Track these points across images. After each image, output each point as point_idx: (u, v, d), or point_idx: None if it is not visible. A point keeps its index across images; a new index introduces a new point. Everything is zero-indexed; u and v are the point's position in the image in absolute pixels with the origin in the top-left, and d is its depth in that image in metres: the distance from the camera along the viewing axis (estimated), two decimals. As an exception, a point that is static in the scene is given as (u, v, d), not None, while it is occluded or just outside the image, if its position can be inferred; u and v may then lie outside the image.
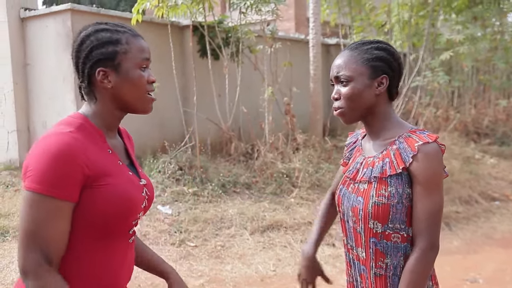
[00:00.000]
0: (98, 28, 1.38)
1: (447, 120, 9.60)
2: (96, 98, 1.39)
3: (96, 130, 1.38)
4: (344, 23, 9.45)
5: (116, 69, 1.36)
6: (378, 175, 1.55)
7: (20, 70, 6.43)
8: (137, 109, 1.43)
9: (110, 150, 1.40)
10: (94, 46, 1.35)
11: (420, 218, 1.50)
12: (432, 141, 1.50)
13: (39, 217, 1.23)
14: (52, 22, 6.15)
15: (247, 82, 7.32)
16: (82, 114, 1.40)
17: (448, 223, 5.92)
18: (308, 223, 5.30)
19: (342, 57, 1.60)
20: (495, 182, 7.62)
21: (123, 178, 1.38)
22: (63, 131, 1.29)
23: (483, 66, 11.19)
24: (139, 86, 1.39)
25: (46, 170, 1.22)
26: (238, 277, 4.19)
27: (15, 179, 5.94)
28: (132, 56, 1.37)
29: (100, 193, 1.30)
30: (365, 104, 1.57)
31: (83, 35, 1.37)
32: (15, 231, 4.71)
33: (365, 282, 1.62)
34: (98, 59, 1.34)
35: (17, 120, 6.41)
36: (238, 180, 6.15)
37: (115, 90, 1.37)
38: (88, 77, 1.37)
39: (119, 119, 1.45)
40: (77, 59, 1.38)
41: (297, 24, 14.12)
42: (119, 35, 1.37)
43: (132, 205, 1.38)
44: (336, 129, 8.98)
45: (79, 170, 1.26)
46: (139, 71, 1.39)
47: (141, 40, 1.42)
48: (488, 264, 4.73)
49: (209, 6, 6.41)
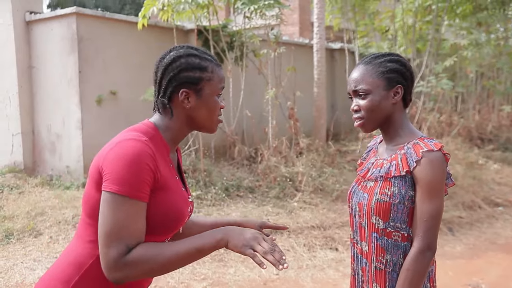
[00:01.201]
0: (189, 52, 1.48)
1: (451, 126, 9.59)
2: (173, 115, 1.49)
3: (163, 143, 1.49)
4: (348, 28, 9.46)
5: (197, 92, 1.48)
6: (384, 175, 1.67)
7: (25, 73, 6.47)
8: (205, 129, 1.56)
9: (171, 164, 1.51)
10: (183, 68, 1.46)
11: (420, 220, 1.60)
12: (437, 149, 1.61)
13: (124, 217, 1.31)
14: (57, 26, 6.18)
15: (251, 86, 7.34)
16: (154, 125, 1.50)
17: (451, 228, 5.91)
18: (311, 227, 5.30)
19: (358, 71, 1.72)
20: (498, 187, 7.60)
21: (179, 194, 1.48)
22: (140, 139, 1.38)
23: (487, 71, 11.17)
24: (213, 111, 1.52)
25: (127, 174, 1.31)
26: (241, 281, 4.19)
27: (20, 182, 5.97)
28: (213, 84, 1.49)
29: (159, 202, 1.39)
30: (383, 114, 1.70)
31: (175, 56, 1.47)
32: (20, 233, 4.72)
33: (366, 275, 1.73)
34: (184, 81, 1.46)
35: (21, 123, 6.44)
36: (242, 184, 6.15)
37: (192, 111, 1.49)
38: (170, 94, 1.47)
39: (184, 135, 1.56)
40: (163, 76, 1.47)
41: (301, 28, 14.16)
42: (206, 63, 1.48)
43: (180, 220, 1.47)
44: (339, 133, 8.99)
45: (151, 174, 1.36)
46: (216, 98, 1.51)
47: (222, 70, 1.54)
48: (491, 270, 4.71)
49: (214, 10, 6.45)
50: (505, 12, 10.05)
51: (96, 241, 1.38)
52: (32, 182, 6.01)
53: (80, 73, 6.00)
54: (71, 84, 6.08)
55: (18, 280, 3.95)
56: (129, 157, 1.32)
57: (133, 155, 1.33)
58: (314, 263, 4.65)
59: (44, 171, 6.46)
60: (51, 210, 5.14)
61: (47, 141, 6.44)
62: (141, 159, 1.33)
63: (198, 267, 4.35)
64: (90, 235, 1.42)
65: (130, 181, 1.31)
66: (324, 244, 5.04)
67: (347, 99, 1.82)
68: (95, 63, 6.15)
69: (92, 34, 6.12)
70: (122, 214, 1.30)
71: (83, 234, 1.45)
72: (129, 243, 1.31)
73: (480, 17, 9.42)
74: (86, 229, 1.44)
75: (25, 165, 6.46)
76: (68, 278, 1.40)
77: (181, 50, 1.49)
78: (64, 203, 5.31)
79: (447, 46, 9.04)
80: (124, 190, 1.30)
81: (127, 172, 1.31)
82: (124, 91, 6.28)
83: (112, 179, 1.31)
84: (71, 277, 1.40)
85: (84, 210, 1.44)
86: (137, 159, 1.32)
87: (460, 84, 9.85)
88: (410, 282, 1.58)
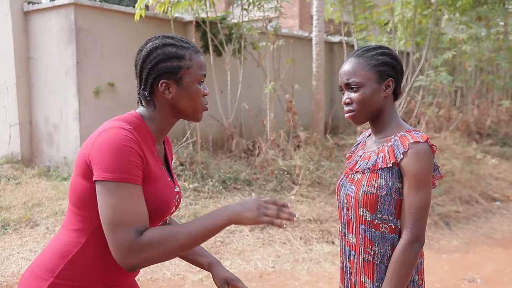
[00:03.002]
0: (165, 42, 1.48)
1: (450, 120, 9.58)
2: (155, 106, 1.49)
3: (149, 133, 1.48)
4: (347, 21, 9.43)
5: (177, 82, 1.46)
6: (371, 167, 1.68)
7: (23, 64, 6.44)
8: (190, 118, 1.56)
9: (156, 154, 1.50)
10: (161, 59, 1.44)
11: (407, 212, 1.61)
12: (423, 141, 1.62)
13: (121, 202, 1.30)
14: (55, 16, 6.15)
15: (249, 79, 7.32)
16: (140, 115, 1.50)
17: (448, 222, 5.92)
18: (307, 220, 5.31)
19: (349, 64, 1.72)
20: (496, 182, 7.61)
21: (164, 183, 1.47)
22: (124, 127, 1.38)
23: (486, 66, 11.15)
24: (196, 99, 1.51)
25: (115, 160, 1.31)
26: (237, 273, 4.20)
27: (17, 172, 5.96)
28: (193, 71, 1.47)
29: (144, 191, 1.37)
30: (374, 107, 1.71)
31: (151, 47, 1.47)
32: (16, 223, 4.73)
33: (354, 267, 1.74)
34: (163, 72, 1.45)
35: (19, 114, 6.43)
36: (239, 177, 6.16)
37: (174, 100, 1.48)
38: (150, 86, 1.47)
39: (171, 125, 1.55)
40: (142, 69, 1.47)
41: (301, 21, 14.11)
42: (183, 51, 1.47)
43: (165, 211, 1.46)
44: (337, 127, 8.98)
45: (140, 159, 1.36)
46: (197, 85, 1.50)
47: (201, 56, 1.52)
48: (487, 264, 4.73)
49: (211, 2, 6.41)
50: (505, 6, 10.01)
51: (81, 230, 1.40)
52: (29, 173, 6.01)
53: (78, 64, 5.98)
54: (69, 75, 6.06)
55: (14, 270, 3.96)
56: (115, 144, 1.32)
57: (119, 141, 1.33)
58: (310, 256, 4.67)
59: (41, 162, 6.45)
60: (48, 201, 5.15)
61: (44, 132, 6.43)
62: (127, 144, 1.33)
63: (194, 259, 4.36)
64: (75, 224, 1.42)
65: (120, 166, 1.31)
66: (320, 238, 5.05)
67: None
68: (93, 54, 6.13)
69: (90, 25, 6.09)
70: (120, 199, 1.30)
71: (68, 223, 1.45)
72: (136, 226, 1.29)
73: (480, 11, 9.38)
74: (71, 217, 1.44)
75: (23, 156, 6.45)
76: (53, 266, 1.40)
77: (156, 41, 1.48)
78: (61, 194, 5.31)
79: (446, 40, 9.01)
80: (116, 176, 1.30)
81: (116, 158, 1.31)
82: (122, 82, 6.26)
83: (102, 167, 1.31)
84: (56, 266, 1.40)
85: (70, 199, 1.44)
86: (123, 144, 1.33)
87: (459, 79, 9.83)
88: (398, 274, 1.59)
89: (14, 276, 3.87)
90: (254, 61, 7.14)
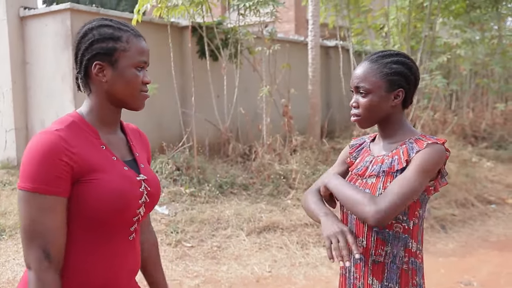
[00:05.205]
0: (102, 23, 1.41)
1: (445, 123, 9.61)
2: (91, 90, 1.43)
3: (88, 126, 1.42)
4: (342, 26, 9.47)
5: (112, 65, 1.39)
6: (387, 169, 1.66)
7: (19, 69, 6.44)
8: (129, 106, 1.46)
9: (103, 146, 1.42)
10: (95, 40, 1.38)
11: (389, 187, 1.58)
12: (441, 143, 1.63)
13: (32, 213, 1.28)
14: (52, 21, 6.16)
15: (245, 84, 7.34)
16: (77, 113, 1.44)
17: (444, 225, 5.94)
18: (304, 225, 5.32)
19: (362, 68, 1.70)
20: (491, 185, 7.64)
21: (115, 173, 1.40)
22: (49, 130, 1.33)
23: (481, 70, 11.20)
24: (132, 85, 1.42)
25: (31, 168, 1.27)
26: (234, 278, 4.20)
27: (12, 178, 5.95)
28: (130, 55, 1.40)
29: (90, 188, 1.33)
30: (380, 114, 1.70)
31: (87, 28, 1.41)
32: (12, 229, 4.71)
33: (361, 270, 1.71)
34: (96, 53, 1.38)
35: (15, 119, 6.42)
36: (235, 181, 6.16)
37: (109, 85, 1.41)
38: (85, 68, 1.41)
39: (114, 114, 1.48)
40: (77, 50, 1.42)
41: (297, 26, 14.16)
42: (120, 33, 1.40)
43: (125, 201, 1.39)
44: (334, 131, 9.00)
45: (64, 165, 1.29)
46: (134, 70, 1.41)
47: (142, 41, 1.45)
48: (483, 267, 4.74)
49: (207, 7, 6.43)
50: (498, 10, 10.07)
51: None
52: (25, 178, 5.99)
53: (74, 69, 5.97)
54: (65, 80, 6.07)
55: (9, 277, 3.95)
56: (34, 151, 1.28)
57: (40, 149, 1.28)
58: (307, 261, 4.67)
59: (37, 168, 6.43)
60: (44, 207, 5.13)
61: (40, 138, 6.41)
62: (47, 152, 1.27)
63: (191, 265, 4.36)
64: None
65: (36, 176, 1.26)
66: (317, 242, 5.05)
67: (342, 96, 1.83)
68: (89, 60, 6.12)
69: (86, 30, 6.10)
70: (31, 209, 1.27)
71: None
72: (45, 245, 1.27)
73: (474, 16, 9.44)
74: None
75: (18, 161, 6.44)
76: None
77: (94, 22, 1.42)
78: (57, 200, 5.29)
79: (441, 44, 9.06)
80: (30, 186, 1.26)
81: (33, 167, 1.27)
82: (118, 87, 6.26)
83: (21, 176, 1.28)
84: None
85: None
86: (42, 152, 1.27)
87: (454, 82, 9.88)
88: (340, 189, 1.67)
89: (10, 283, 3.86)
90: (250, 65, 7.16)
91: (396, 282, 1.65)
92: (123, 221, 1.42)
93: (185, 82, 7.04)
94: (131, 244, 1.48)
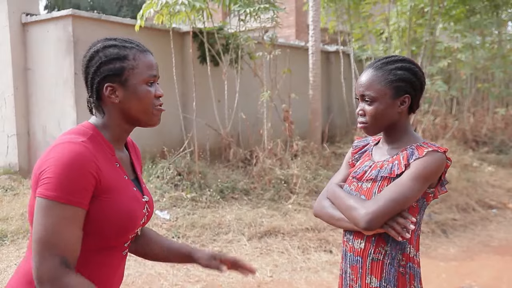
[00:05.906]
0: (106, 44, 1.41)
1: (446, 128, 9.62)
2: (104, 112, 1.43)
3: (105, 142, 1.41)
4: (343, 31, 9.50)
5: (123, 84, 1.39)
6: (386, 175, 1.67)
7: (21, 75, 6.47)
8: (144, 123, 1.46)
9: (117, 164, 1.42)
10: (102, 62, 1.38)
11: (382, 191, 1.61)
12: (442, 151, 1.64)
13: (55, 223, 1.24)
14: (53, 28, 6.19)
15: (246, 89, 7.36)
16: (93, 125, 1.43)
17: (445, 230, 5.94)
18: (305, 230, 5.32)
19: (367, 76, 1.70)
20: (492, 190, 7.64)
21: (128, 194, 1.40)
22: (76, 141, 1.31)
23: (481, 74, 11.22)
24: (145, 101, 1.41)
25: (60, 178, 1.24)
26: (235, 283, 4.21)
27: (14, 183, 5.96)
28: (139, 72, 1.40)
29: (105, 205, 1.33)
30: (387, 121, 1.71)
31: (93, 51, 1.41)
32: (14, 235, 4.72)
33: (358, 272, 1.71)
34: (106, 75, 1.38)
35: (17, 125, 6.44)
36: (236, 186, 6.17)
37: (122, 104, 1.41)
38: (96, 92, 1.41)
39: (127, 132, 1.48)
40: (87, 75, 1.42)
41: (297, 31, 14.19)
42: (126, 51, 1.40)
43: (133, 222, 1.40)
44: (335, 136, 9.01)
45: (91, 178, 1.28)
46: (146, 86, 1.41)
47: (149, 55, 1.44)
48: (484, 272, 4.74)
49: (208, 13, 6.46)
50: (498, 15, 10.09)
51: None
52: (27, 183, 6.01)
53: (75, 75, 6.00)
54: (67, 85, 6.09)
55: (12, 282, 3.95)
56: (64, 161, 1.25)
57: (68, 159, 1.26)
58: (308, 265, 4.67)
59: (39, 173, 6.44)
60: (45, 212, 5.14)
61: (42, 143, 6.44)
62: (77, 162, 1.26)
63: (192, 269, 4.36)
64: None
65: (64, 186, 1.24)
66: (318, 247, 5.06)
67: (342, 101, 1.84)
68: (90, 65, 6.15)
69: (88, 36, 6.12)
70: (55, 219, 1.24)
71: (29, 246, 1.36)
72: (64, 255, 1.24)
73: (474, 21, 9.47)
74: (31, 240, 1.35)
75: (20, 167, 6.46)
76: None
77: (98, 44, 1.42)
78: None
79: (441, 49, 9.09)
80: (57, 195, 1.24)
81: (63, 177, 1.24)
82: (120, 93, 6.28)
83: (46, 184, 1.25)
84: None
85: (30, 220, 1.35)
86: (73, 162, 1.25)
87: (454, 87, 9.89)
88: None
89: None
90: (251, 71, 7.18)
91: (394, 285, 1.66)
92: (123, 239, 1.43)
93: (186, 87, 7.06)
94: (123, 259, 1.50)
